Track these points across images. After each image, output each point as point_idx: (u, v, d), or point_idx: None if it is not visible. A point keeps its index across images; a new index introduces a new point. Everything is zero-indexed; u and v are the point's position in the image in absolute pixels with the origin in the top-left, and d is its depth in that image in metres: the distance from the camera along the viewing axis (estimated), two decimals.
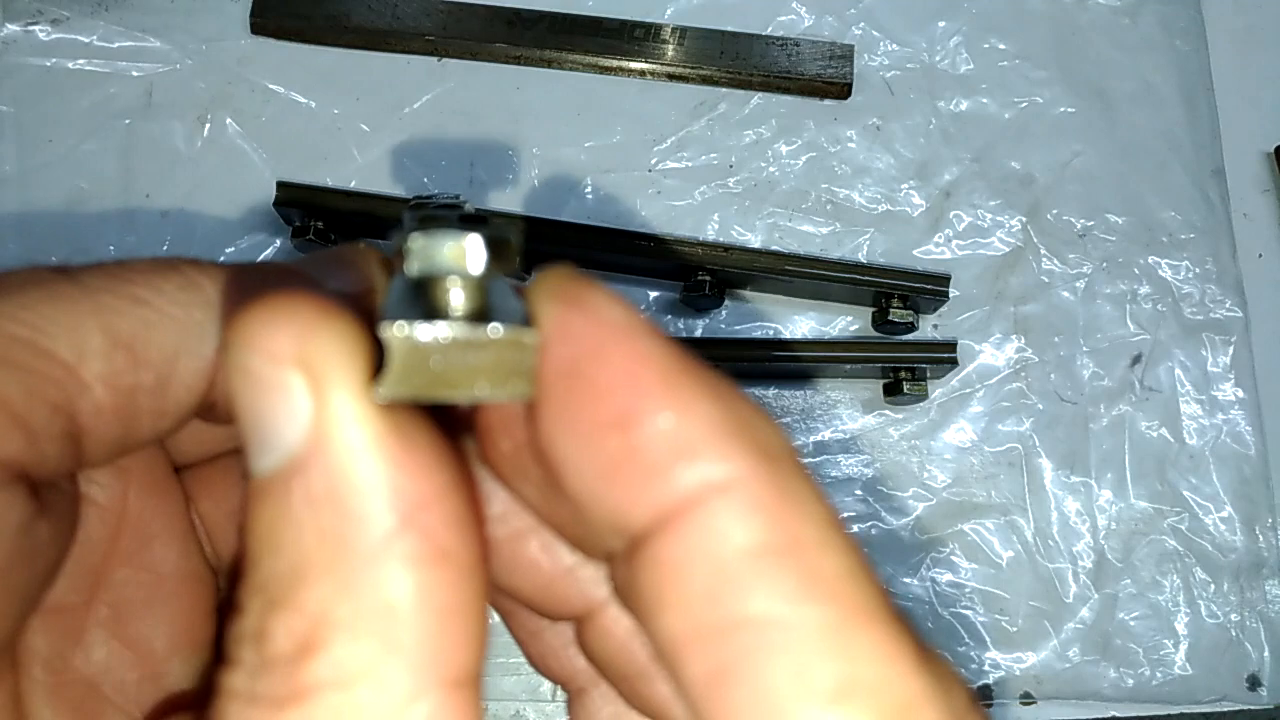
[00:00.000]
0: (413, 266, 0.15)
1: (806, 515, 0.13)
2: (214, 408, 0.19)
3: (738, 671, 0.13)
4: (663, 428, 0.14)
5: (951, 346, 0.51)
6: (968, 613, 0.49)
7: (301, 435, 0.14)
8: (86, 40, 0.55)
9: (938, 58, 0.57)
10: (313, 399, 0.14)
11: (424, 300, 0.15)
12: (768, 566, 0.13)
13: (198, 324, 0.18)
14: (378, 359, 0.14)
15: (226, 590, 0.23)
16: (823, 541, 0.13)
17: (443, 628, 0.14)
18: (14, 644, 0.20)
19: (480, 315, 0.15)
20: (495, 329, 0.15)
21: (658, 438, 0.14)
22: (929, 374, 0.51)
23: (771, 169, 0.55)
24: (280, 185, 0.50)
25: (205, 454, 0.23)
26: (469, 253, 0.15)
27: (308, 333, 0.14)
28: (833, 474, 0.51)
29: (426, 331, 0.14)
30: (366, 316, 0.17)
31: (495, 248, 0.15)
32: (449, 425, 0.16)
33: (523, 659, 0.22)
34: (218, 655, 0.22)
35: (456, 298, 0.15)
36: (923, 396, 0.50)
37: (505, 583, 0.19)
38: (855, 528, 0.50)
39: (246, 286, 0.18)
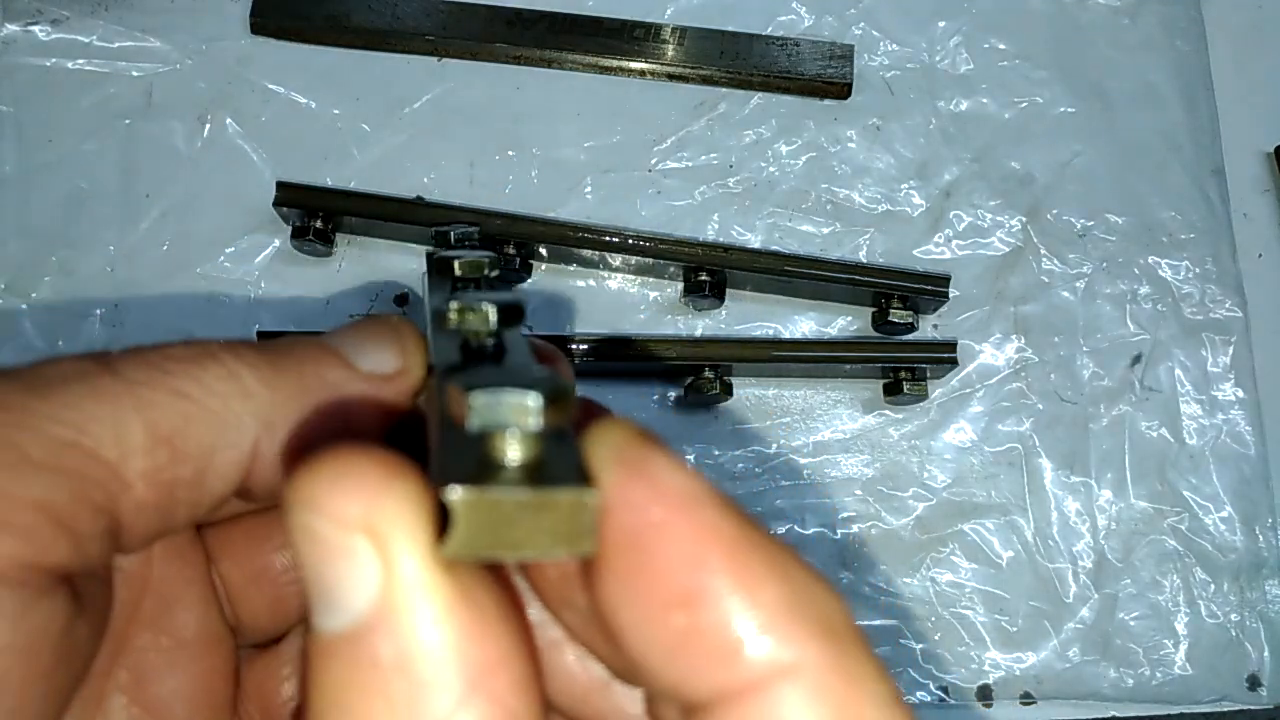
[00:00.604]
0: (473, 423, 0.15)
1: (869, 697, 0.14)
2: (251, 493, 0.19)
3: None
4: (729, 610, 0.14)
5: (951, 346, 0.51)
6: (968, 612, 0.49)
7: (369, 601, 0.14)
8: (86, 40, 0.55)
9: (938, 58, 0.57)
10: (380, 565, 0.14)
11: (480, 453, 0.15)
12: None
13: (236, 415, 0.18)
14: (438, 513, 0.14)
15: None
16: None
17: None
18: None
19: (537, 468, 0.15)
20: (558, 491, 0.14)
21: (724, 619, 0.14)
22: (929, 374, 0.51)
23: (771, 169, 0.55)
24: (280, 185, 0.50)
25: (228, 514, 0.23)
26: (530, 410, 0.15)
27: (374, 497, 0.14)
28: (833, 474, 0.51)
29: (491, 495, 0.14)
30: (390, 416, 0.18)
31: (556, 402, 0.15)
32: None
33: None
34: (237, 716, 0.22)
35: (513, 452, 0.15)
36: (923, 396, 0.50)
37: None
38: (855, 528, 0.50)
39: (302, 378, 0.19)
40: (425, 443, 0.17)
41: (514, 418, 0.15)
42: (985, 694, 0.48)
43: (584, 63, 0.55)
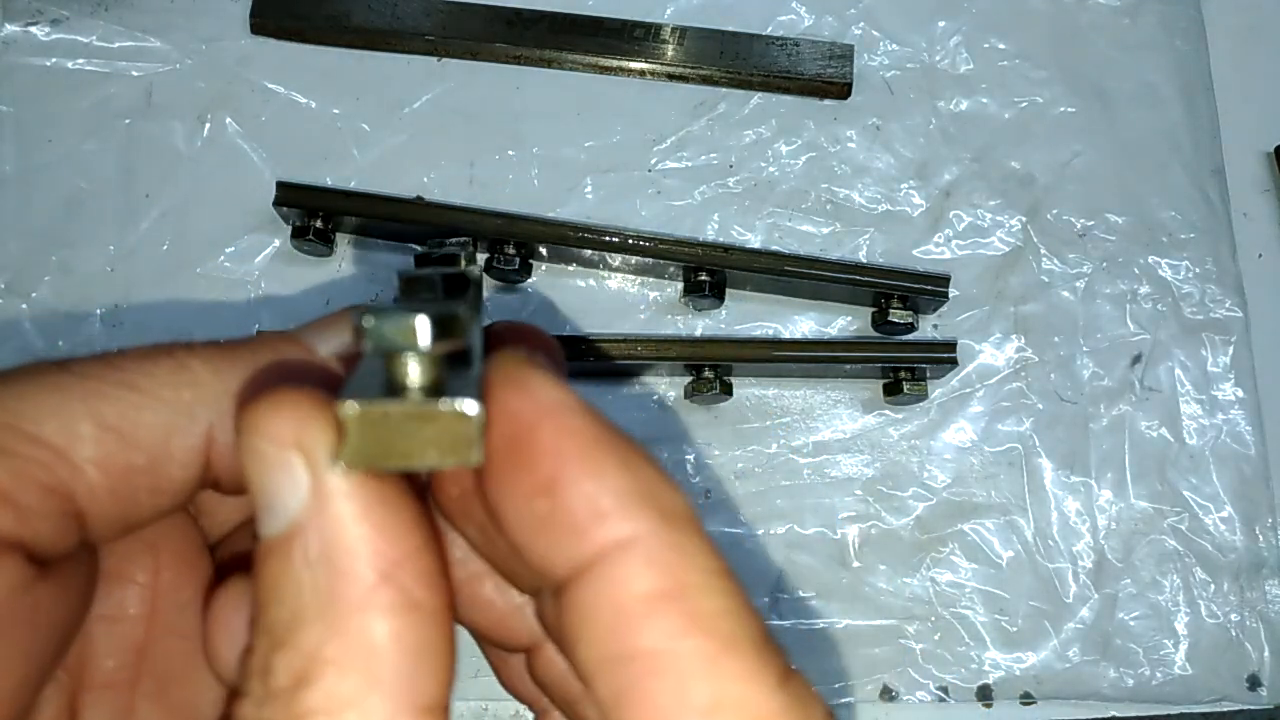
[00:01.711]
0: (365, 345, 0.16)
1: (694, 565, 0.16)
2: (220, 482, 0.21)
3: (633, 693, 0.16)
4: (580, 493, 0.16)
5: (951, 346, 0.51)
6: (968, 612, 0.49)
7: (300, 505, 0.17)
8: (86, 40, 0.55)
9: (938, 57, 0.57)
10: (309, 476, 0.17)
11: (384, 376, 0.17)
12: (658, 608, 0.16)
13: (187, 404, 0.20)
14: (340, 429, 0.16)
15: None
16: (706, 586, 0.16)
17: (415, 664, 0.16)
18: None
19: (435, 389, 0.17)
20: (440, 404, 0.16)
21: (575, 501, 0.16)
22: (929, 374, 0.51)
23: (771, 169, 0.54)
24: (280, 185, 0.50)
25: (233, 524, 0.24)
26: (418, 331, 0.16)
27: (305, 420, 0.16)
28: (833, 474, 0.51)
29: (378, 408, 0.16)
30: (339, 380, 0.19)
31: (444, 325, 0.16)
32: (419, 480, 0.19)
33: None
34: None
35: (414, 372, 0.17)
36: (923, 396, 0.50)
37: (465, 618, 0.22)
38: (855, 528, 0.50)
39: (255, 362, 0.21)
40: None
41: (403, 339, 0.16)
42: (985, 694, 0.48)
43: (584, 63, 0.55)
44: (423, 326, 0.16)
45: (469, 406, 0.16)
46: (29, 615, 0.18)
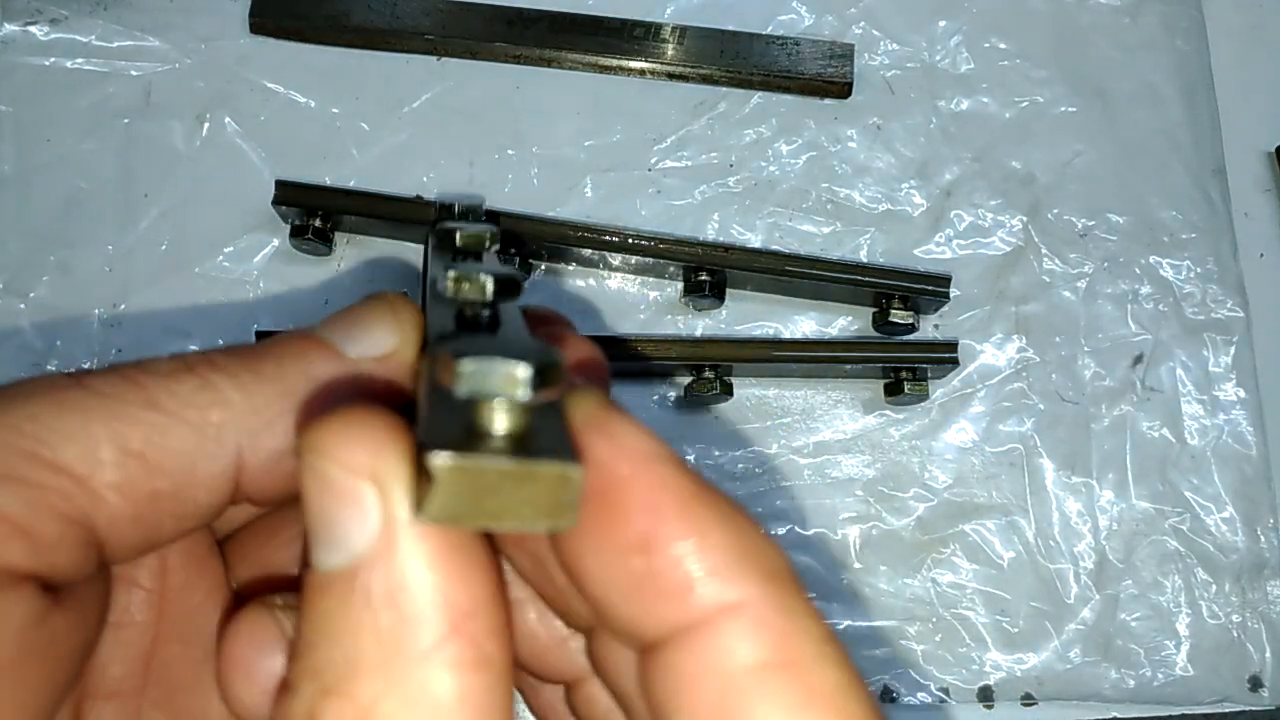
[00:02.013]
0: (461, 390, 0.15)
1: (806, 634, 0.15)
2: (252, 499, 0.20)
3: None
4: (681, 554, 0.15)
5: (952, 346, 0.51)
6: (969, 613, 0.49)
7: (368, 542, 0.15)
8: (85, 39, 0.54)
9: (938, 57, 0.57)
10: (381, 509, 0.15)
11: (465, 417, 0.15)
12: (771, 681, 0.15)
13: (215, 426, 0.18)
14: (421, 477, 0.15)
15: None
16: (821, 657, 0.15)
17: None
18: None
19: (522, 439, 0.15)
20: (544, 464, 0.15)
21: (676, 562, 0.15)
22: (930, 374, 0.50)
23: (772, 168, 0.54)
24: (279, 184, 0.50)
25: (242, 519, 0.23)
26: (520, 380, 0.15)
27: (382, 449, 0.15)
28: (833, 474, 0.51)
29: (475, 462, 0.14)
30: (390, 390, 0.18)
31: (545, 374, 0.15)
32: None
33: None
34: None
35: (500, 421, 0.15)
36: (924, 397, 0.50)
37: None
38: (856, 528, 0.50)
39: (282, 375, 0.19)
40: (416, 414, 0.17)
41: (503, 387, 0.15)
42: (986, 695, 0.48)
43: (584, 62, 0.55)
44: (525, 376, 0.15)
45: (572, 469, 0.15)
46: (44, 648, 0.17)
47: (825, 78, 0.55)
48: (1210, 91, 0.57)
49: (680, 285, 0.51)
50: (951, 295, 0.51)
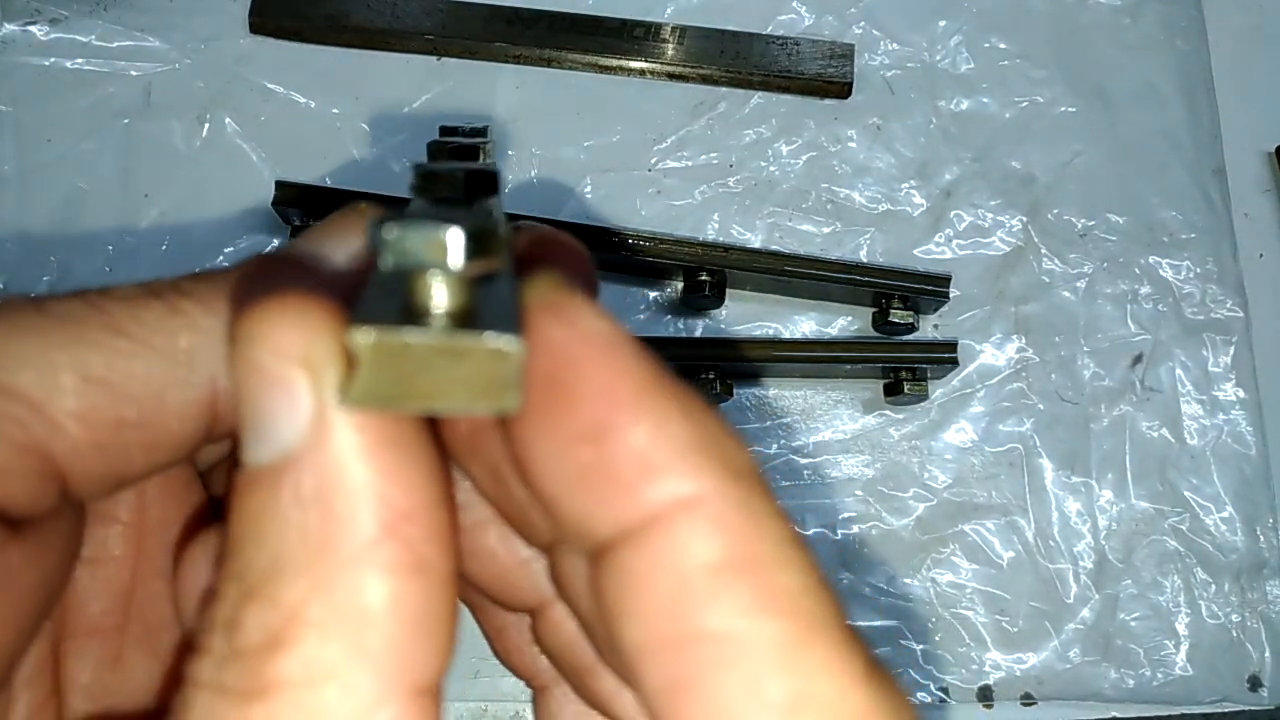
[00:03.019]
0: (386, 261, 0.14)
1: (766, 533, 0.14)
2: (230, 431, 0.19)
3: (695, 683, 0.13)
4: (635, 443, 0.14)
5: (952, 346, 0.51)
6: (968, 613, 0.49)
7: (299, 432, 0.14)
8: (85, 40, 0.54)
9: (938, 57, 0.57)
10: (313, 399, 0.14)
11: (403, 296, 0.14)
12: (727, 582, 0.13)
13: (184, 353, 0.17)
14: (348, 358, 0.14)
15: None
16: (780, 559, 0.14)
17: (412, 636, 0.14)
18: (53, 671, 0.20)
19: (464, 316, 0.14)
20: (474, 336, 0.13)
21: (629, 453, 0.14)
22: (930, 374, 0.50)
23: (771, 168, 0.54)
24: (279, 185, 0.50)
25: (226, 454, 0.22)
26: (449, 247, 0.14)
27: (315, 333, 0.14)
28: (833, 474, 0.51)
29: (398, 337, 0.13)
30: (349, 288, 0.16)
31: (479, 241, 0.14)
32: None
33: None
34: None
35: (439, 294, 0.14)
36: (923, 397, 0.50)
37: (468, 571, 0.19)
38: (855, 528, 0.50)
39: (251, 282, 0.18)
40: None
41: (431, 254, 0.14)
42: (986, 695, 0.48)
43: (583, 62, 0.55)
44: (455, 242, 0.14)
45: (508, 342, 0.13)
46: (1, 578, 0.16)
47: (825, 78, 0.55)
48: (1210, 91, 0.57)
49: (680, 285, 0.51)
50: (951, 295, 0.51)
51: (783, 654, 0.13)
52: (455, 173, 0.18)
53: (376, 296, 0.14)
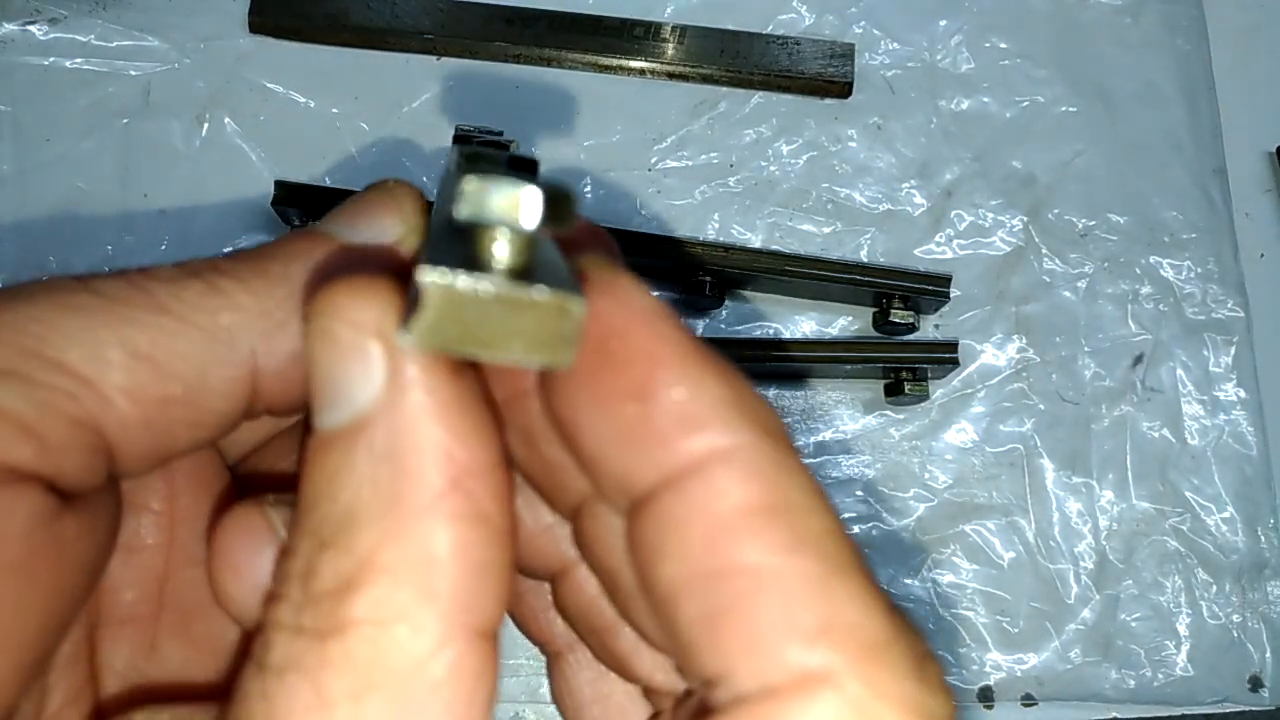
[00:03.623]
0: (462, 210, 0.14)
1: (795, 482, 0.15)
2: (272, 408, 0.19)
3: (731, 612, 0.15)
4: (676, 399, 0.15)
5: (953, 347, 0.50)
6: (969, 614, 0.49)
7: (373, 396, 0.15)
8: (84, 39, 0.54)
9: (939, 57, 0.57)
10: (386, 365, 0.15)
11: (467, 248, 0.15)
12: (762, 522, 0.15)
13: (225, 330, 0.18)
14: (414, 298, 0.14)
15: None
16: (809, 505, 0.15)
17: (474, 582, 0.15)
18: (88, 659, 0.20)
19: (525, 274, 0.14)
20: (543, 291, 0.14)
21: (671, 408, 0.15)
22: (930, 374, 0.50)
23: (772, 168, 0.54)
24: (278, 184, 0.50)
25: (253, 445, 0.23)
26: (524, 205, 0.14)
27: (387, 307, 0.15)
28: (833, 474, 0.51)
29: (468, 283, 0.14)
30: (400, 267, 0.17)
31: (554, 204, 0.14)
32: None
33: (522, 660, 0.22)
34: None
35: (501, 250, 0.15)
36: (924, 397, 0.50)
37: None
38: (856, 528, 0.50)
39: (288, 274, 0.19)
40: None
41: (506, 211, 0.14)
42: (986, 695, 0.48)
43: (583, 61, 0.55)
44: (532, 201, 0.14)
45: (573, 300, 0.14)
46: (54, 550, 0.17)
47: (826, 77, 0.55)
48: (1211, 91, 0.57)
49: (680, 285, 0.51)
50: (952, 295, 0.51)
51: (812, 585, 0.15)
52: (499, 155, 0.19)
53: (441, 243, 0.15)
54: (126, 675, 0.20)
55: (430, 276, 0.14)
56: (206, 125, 0.53)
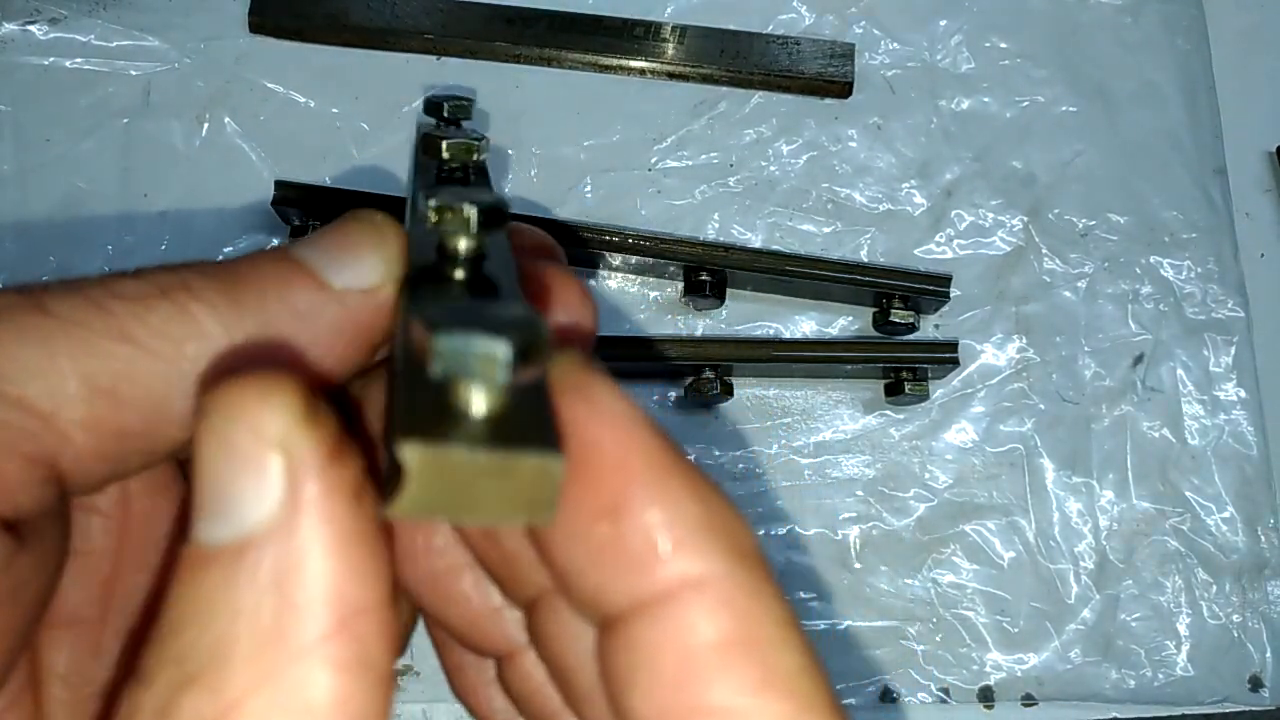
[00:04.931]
0: (436, 369, 0.14)
1: (769, 615, 0.15)
2: None
3: None
4: (649, 523, 0.15)
5: (953, 346, 0.50)
6: (969, 614, 0.49)
7: (265, 516, 0.14)
8: (84, 39, 0.54)
9: (939, 56, 0.57)
10: (286, 487, 0.14)
11: (442, 400, 0.14)
12: (731, 660, 0.14)
13: (190, 359, 0.17)
14: (391, 464, 0.14)
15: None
16: (781, 640, 0.15)
17: None
18: (34, 665, 0.20)
19: (500, 422, 0.14)
20: (523, 456, 0.14)
21: (644, 531, 0.15)
22: (930, 374, 0.50)
23: (772, 168, 0.54)
24: (279, 184, 0.50)
25: None
26: (499, 362, 0.14)
27: (297, 421, 0.14)
28: (833, 474, 0.51)
29: (450, 455, 0.14)
30: (312, 375, 0.17)
31: (527, 353, 0.14)
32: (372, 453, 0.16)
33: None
34: None
35: (478, 403, 0.14)
36: (924, 397, 0.50)
37: (437, 613, 0.20)
38: (856, 528, 0.50)
39: (263, 306, 0.18)
40: (390, 364, 0.16)
41: (481, 369, 0.14)
42: (986, 695, 0.48)
43: (584, 61, 0.55)
44: (505, 358, 0.14)
45: (554, 462, 0.14)
46: (11, 593, 0.16)
47: (826, 77, 0.55)
48: (1211, 91, 0.57)
49: (680, 285, 0.51)
50: (952, 295, 0.51)
51: None
52: (466, 211, 0.18)
53: (413, 396, 0.14)
54: (70, 677, 0.20)
55: (409, 448, 0.13)
56: (206, 125, 0.54)
